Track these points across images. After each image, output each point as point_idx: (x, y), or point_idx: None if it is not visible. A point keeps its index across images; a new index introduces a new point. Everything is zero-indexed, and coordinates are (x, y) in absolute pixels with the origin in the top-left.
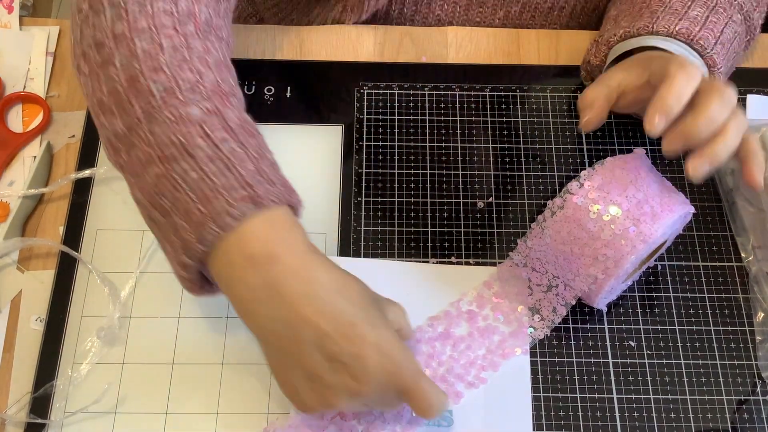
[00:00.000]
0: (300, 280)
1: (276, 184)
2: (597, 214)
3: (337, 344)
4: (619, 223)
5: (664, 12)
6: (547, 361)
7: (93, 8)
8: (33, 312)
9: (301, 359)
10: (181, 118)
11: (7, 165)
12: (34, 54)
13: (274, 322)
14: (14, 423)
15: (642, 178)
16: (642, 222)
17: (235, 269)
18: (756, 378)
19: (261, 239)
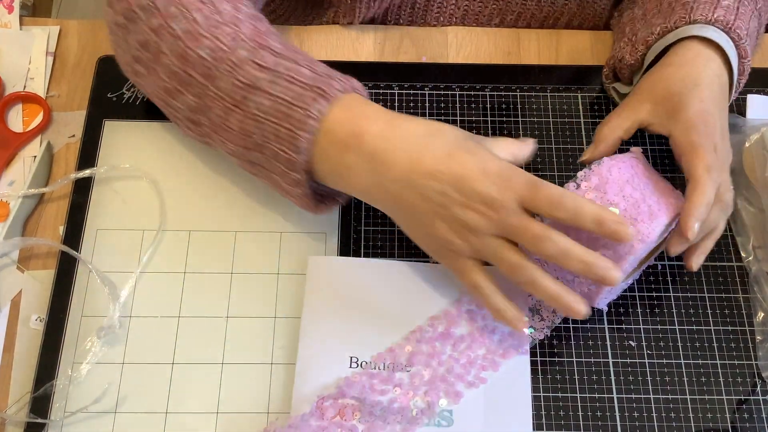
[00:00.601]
0: (391, 139)
1: (335, 78)
2: None
3: (443, 179)
4: None
5: (696, 2)
6: (547, 361)
7: (128, 18)
8: (33, 312)
9: (427, 210)
10: (235, 65)
11: (7, 165)
12: (34, 54)
13: (389, 186)
14: (14, 423)
15: (639, 177)
16: (639, 221)
17: (336, 160)
18: (756, 378)
19: (344, 123)
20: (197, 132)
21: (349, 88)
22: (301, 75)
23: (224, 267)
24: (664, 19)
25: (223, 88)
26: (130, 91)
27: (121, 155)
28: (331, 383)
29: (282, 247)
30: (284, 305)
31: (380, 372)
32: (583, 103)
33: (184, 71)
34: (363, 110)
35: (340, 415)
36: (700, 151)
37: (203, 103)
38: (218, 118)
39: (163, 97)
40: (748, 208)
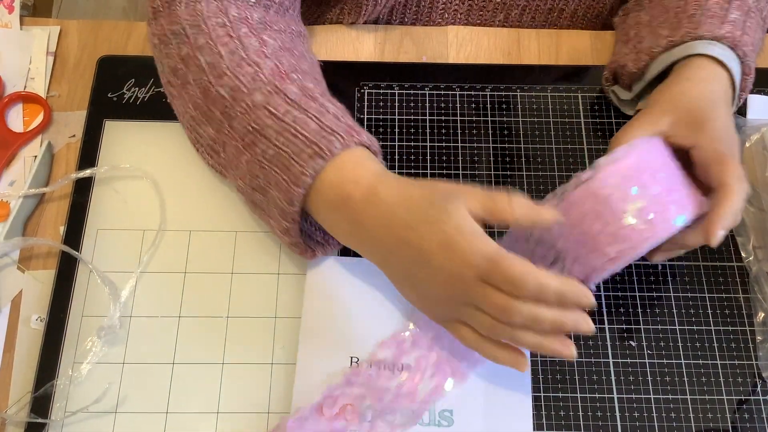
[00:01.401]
0: (371, 205)
1: (338, 134)
2: (625, 194)
3: (409, 253)
4: (646, 207)
5: (703, 16)
6: (548, 361)
7: (162, 41)
8: (33, 312)
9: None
10: (249, 108)
11: (7, 165)
12: (34, 54)
13: (371, 250)
14: (15, 423)
15: (670, 165)
16: (668, 210)
17: (325, 217)
18: (756, 378)
19: (333, 186)
20: (216, 161)
21: (351, 144)
22: (306, 128)
23: (224, 267)
24: (670, 31)
25: (237, 128)
26: (130, 91)
27: (121, 155)
28: (334, 379)
29: (282, 247)
30: (284, 305)
31: (385, 359)
32: (583, 103)
33: (206, 105)
34: (354, 173)
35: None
36: (730, 161)
37: (220, 138)
38: (232, 155)
39: (189, 123)
40: (748, 208)
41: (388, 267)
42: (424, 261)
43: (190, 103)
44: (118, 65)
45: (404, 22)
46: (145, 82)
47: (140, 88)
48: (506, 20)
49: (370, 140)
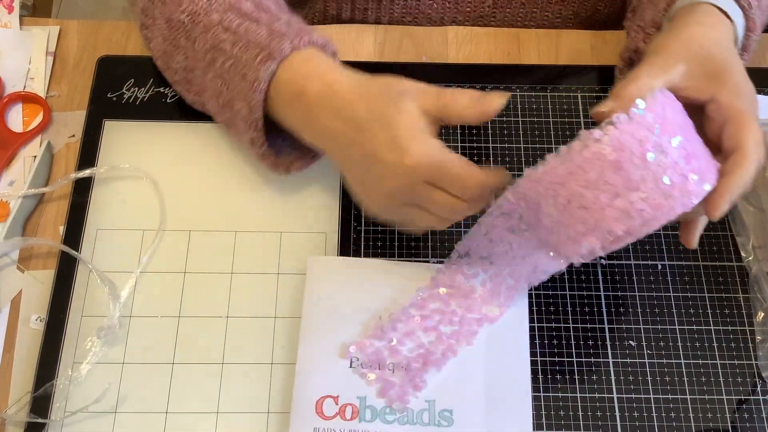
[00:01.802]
0: (324, 99)
1: (287, 37)
2: (640, 161)
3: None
4: (664, 177)
5: None
6: (547, 360)
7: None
8: (33, 312)
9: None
10: (206, 28)
11: (7, 165)
12: (34, 54)
13: (327, 144)
14: (14, 423)
15: (689, 126)
16: (688, 182)
17: (286, 117)
18: (756, 378)
19: (288, 83)
20: (193, 93)
21: (301, 45)
22: (258, 36)
23: (224, 267)
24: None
25: (198, 49)
26: (129, 91)
27: (121, 155)
28: (332, 381)
29: (282, 247)
30: (284, 305)
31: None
32: (583, 103)
33: (171, 34)
34: (306, 69)
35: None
36: (751, 121)
37: (189, 64)
38: (200, 77)
39: (164, 61)
40: (748, 208)
41: (341, 162)
42: (375, 159)
43: (160, 37)
44: (118, 65)
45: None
46: (145, 82)
47: (140, 88)
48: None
49: (324, 41)
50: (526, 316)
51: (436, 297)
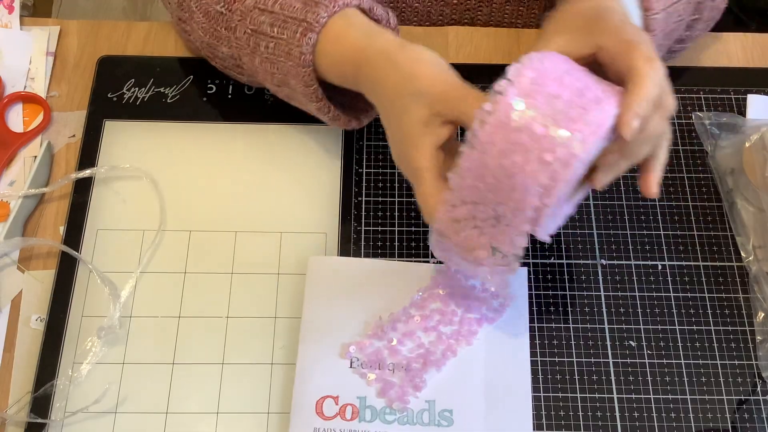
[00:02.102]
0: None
1: (321, 3)
2: (536, 113)
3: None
4: (564, 114)
5: None
6: (547, 361)
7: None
8: (33, 312)
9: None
10: (243, 13)
11: (7, 165)
12: (34, 54)
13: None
14: (14, 423)
15: (576, 68)
16: (589, 110)
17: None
18: (756, 378)
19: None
20: (246, 76)
21: (337, 8)
22: (293, 10)
23: (224, 267)
24: None
25: (240, 37)
26: (130, 91)
27: (121, 155)
28: (332, 381)
29: (282, 247)
30: (284, 305)
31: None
32: None
33: (211, 26)
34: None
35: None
36: (638, 44)
37: (234, 52)
38: (249, 63)
39: (209, 52)
40: (748, 208)
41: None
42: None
43: (200, 30)
44: (118, 65)
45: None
46: (145, 82)
47: (140, 88)
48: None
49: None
50: (526, 316)
51: (436, 297)
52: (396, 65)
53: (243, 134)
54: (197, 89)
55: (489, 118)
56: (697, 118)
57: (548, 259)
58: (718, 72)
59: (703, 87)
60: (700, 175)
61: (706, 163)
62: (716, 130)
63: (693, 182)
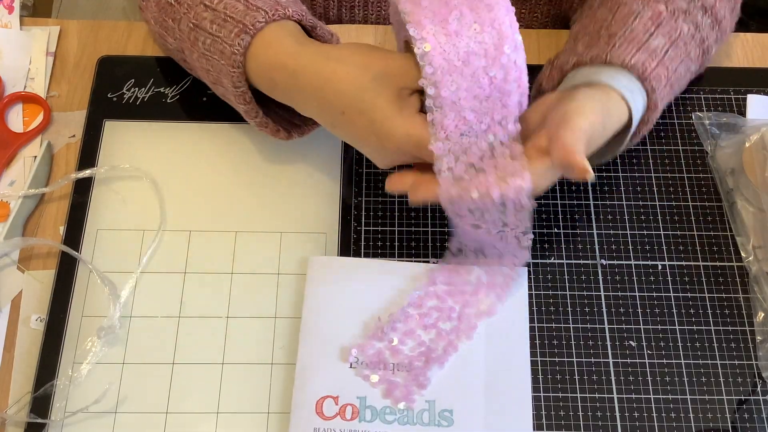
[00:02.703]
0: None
1: (262, 9)
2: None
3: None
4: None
5: (623, 37)
6: (547, 361)
7: None
8: (33, 312)
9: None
10: (189, 7)
11: (7, 165)
12: (34, 54)
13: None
14: (14, 423)
15: None
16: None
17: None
18: (756, 378)
19: (261, 68)
20: (187, 67)
21: (276, 18)
22: (235, 11)
23: (224, 267)
24: (585, 48)
25: (184, 29)
26: (130, 91)
27: (121, 155)
28: (332, 381)
29: (282, 247)
30: (284, 305)
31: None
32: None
33: (161, 17)
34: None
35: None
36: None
37: (179, 45)
38: (190, 56)
39: (161, 42)
40: (748, 208)
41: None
42: (361, 141)
43: (152, 20)
44: (118, 65)
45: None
46: (145, 82)
47: (140, 88)
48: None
49: (300, 13)
50: (526, 315)
51: (433, 295)
52: (342, 59)
53: (243, 134)
54: (197, 89)
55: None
56: (697, 118)
57: (548, 259)
58: (718, 72)
59: (703, 87)
60: (700, 175)
61: (706, 163)
62: (716, 130)
63: (693, 182)
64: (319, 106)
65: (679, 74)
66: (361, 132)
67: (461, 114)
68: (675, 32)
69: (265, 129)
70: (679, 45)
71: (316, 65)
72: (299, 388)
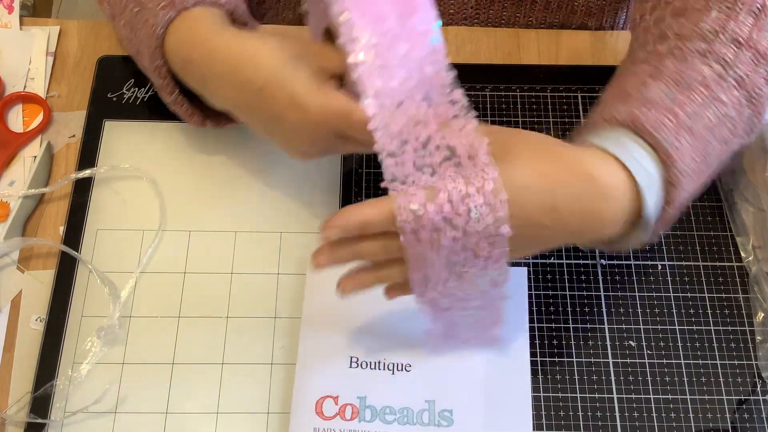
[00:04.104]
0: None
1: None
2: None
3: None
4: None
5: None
6: (547, 361)
7: None
8: (33, 312)
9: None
10: None
11: (7, 165)
12: (34, 54)
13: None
14: (14, 423)
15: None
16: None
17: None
18: (756, 378)
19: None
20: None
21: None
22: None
23: (224, 267)
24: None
25: (113, 2)
26: (130, 91)
27: (121, 155)
28: (332, 381)
29: (282, 247)
30: (284, 305)
31: None
32: (583, 103)
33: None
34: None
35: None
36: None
37: (109, 11)
38: (118, 23)
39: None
40: (748, 208)
41: (246, 122)
42: (279, 119)
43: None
44: (118, 65)
45: None
46: (145, 82)
47: (140, 88)
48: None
49: (233, 3)
50: (526, 316)
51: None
52: (262, 39)
53: (243, 134)
54: None
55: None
56: None
57: (548, 259)
58: None
59: None
60: None
61: None
62: None
63: None
64: (235, 87)
65: (705, 121)
66: (280, 108)
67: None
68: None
69: (179, 109)
70: (693, 87)
71: (235, 44)
72: (299, 388)
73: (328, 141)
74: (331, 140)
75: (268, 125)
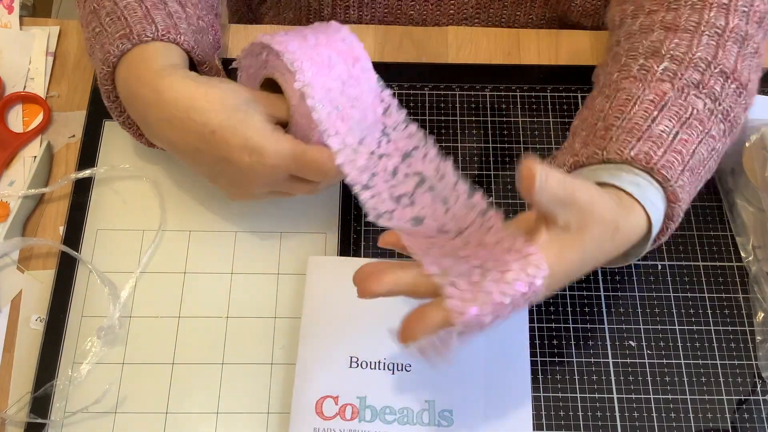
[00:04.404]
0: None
1: (155, 24)
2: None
3: (207, 154)
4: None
5: (620, 128)
6: (547, 361)
7: None
8: (33, 312)
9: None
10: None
11: (7, 165)
12: (34, 54)
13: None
14: (14, 423)
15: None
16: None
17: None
18: (756, 378)
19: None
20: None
21: (164, 38)
22: (132, 14)
23: (224, 267)
24: (582, 145)
25: (86, 7)
26: None
27: (121, 155)
28: (332, 381)
29: (282, 247)
30: (284, 305)
31: None
32: (582, 103)
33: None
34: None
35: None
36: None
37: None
38: (84, 32)
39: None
40: (748, 208)
41: (188, 164)
42: (229, 162)
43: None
44: None
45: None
46: None
47: None
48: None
49: (192, 45)
50: (526, 316)
51: None
52: (212, 83)
53: None
54: None
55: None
56: None
57: None
58: None
59: None
60: None
61: None
62: None
63: None
64: (182, 129)
65: (700, 157)
66: (233, 152)
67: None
68: (685, 111)
69: (128, 131)
70: (692, 125)
71: (185, 86)
72: (299, 388)
73: (280, 183)
74: (284, 182)
75: (215, 168)
